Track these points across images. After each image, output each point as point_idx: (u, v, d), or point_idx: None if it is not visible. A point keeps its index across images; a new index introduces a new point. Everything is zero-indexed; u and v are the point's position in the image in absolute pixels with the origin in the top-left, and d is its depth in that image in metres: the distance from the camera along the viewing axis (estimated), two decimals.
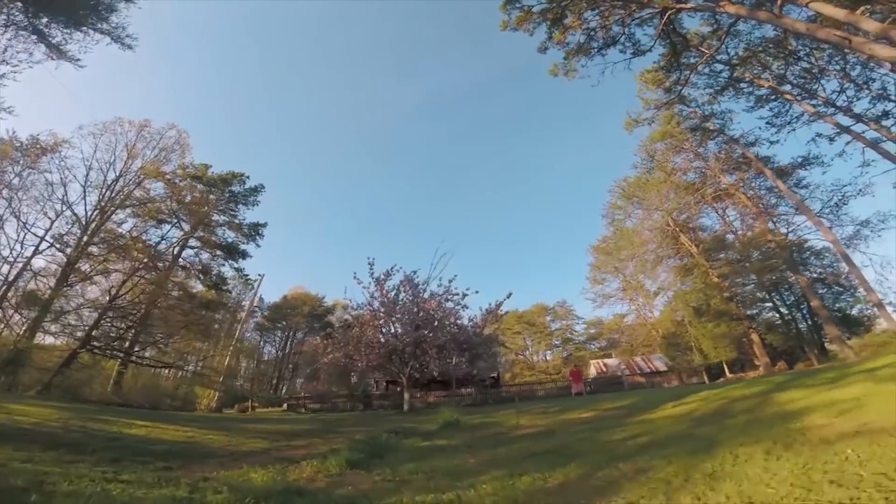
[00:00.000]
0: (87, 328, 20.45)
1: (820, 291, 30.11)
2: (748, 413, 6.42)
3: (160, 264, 30.59)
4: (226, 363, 27.27)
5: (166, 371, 33.82)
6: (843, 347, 22.07)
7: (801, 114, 25.21)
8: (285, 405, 26.20)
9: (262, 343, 68.96)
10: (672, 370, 37.79)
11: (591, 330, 62.71)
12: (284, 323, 64.40)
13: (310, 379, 63.86)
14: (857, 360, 20.28)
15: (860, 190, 26.07)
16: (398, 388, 33.81)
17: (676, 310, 34.76)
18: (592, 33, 21.48)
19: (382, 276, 17.85)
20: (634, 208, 36.61)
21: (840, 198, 27.60)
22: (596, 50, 21.28)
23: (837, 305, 29.38)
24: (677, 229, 33.92)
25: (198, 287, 35.18)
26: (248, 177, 35.79)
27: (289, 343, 66.11)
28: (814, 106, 24.80)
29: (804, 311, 30.97)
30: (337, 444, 7.31)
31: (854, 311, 28.55)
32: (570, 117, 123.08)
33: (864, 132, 23.44)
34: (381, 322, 18.48)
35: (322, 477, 5.16)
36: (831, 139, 25.14)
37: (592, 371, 44.04)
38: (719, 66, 25.02)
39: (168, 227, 33.05)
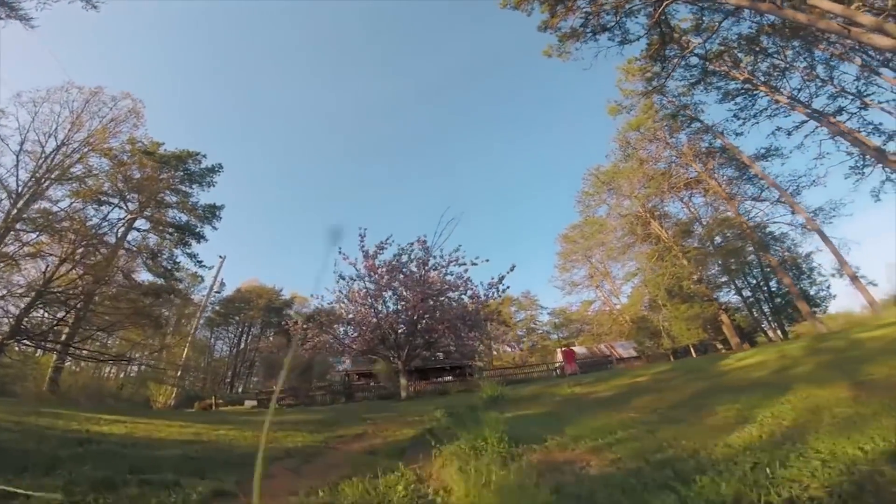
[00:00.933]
0: (15, 317, 16.88)
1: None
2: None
3: (102, 249, 26.75)
4: (183, 356, 24.07)
5: (110, 369, 29.73)
6: (815, 322, 23.04)
7: (764, 108, 26.34)
8: (255, 401, 23.59)
9: (212, 339, 63.92)
10: (641, 355, 38.62)
11: (555, 320, 63.43)
12: (238, 318, 59.79)
13: (268, 376, 60.01)
14: (828, 334, 21.25)
15: (814, 181, 27.73)
16: (372, 380, 32.08)
17: (647, 294, 35.38)
18: (588, 18, 21.79)
19: (375, 249, 16.01)
20: (607, 196, 36.89)
21: (795, 187, 29.31)
22: (589, 35, 21.59)
23: (798, 285, 31.08)
24: (648, 216, 34.48)
25: (147, 276, 31.54)
26: (204, 156, 32.70)
27: (243, 339, 61.54)
28: (776, 102, 25.74)
29: (766, 293, 32.47)
30: (397, 428, 5.76)
31: (812, 291, 30.35)
32: (545, 106, 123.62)
33: (817, 128, 24.82)
34: (370, 300, 16.63)
35: None
36: (789, 133, 26.47)
37: (559, 358, 44.33)
38: (694, 60, 25.65)
39: (112, 207, 29.29)
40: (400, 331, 16.61)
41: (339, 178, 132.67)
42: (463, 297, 15.29)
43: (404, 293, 15.74)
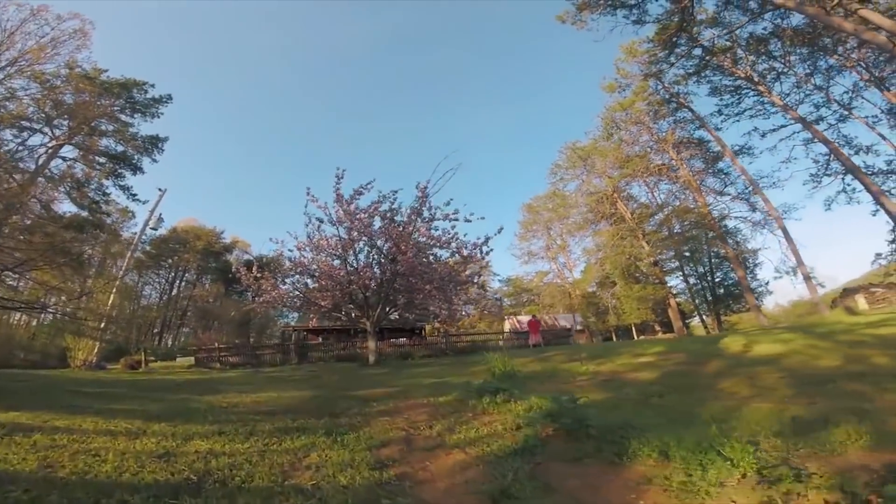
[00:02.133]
0: None
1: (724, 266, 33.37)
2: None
3: (16, 175, 22.30)
4: (109, 304, 20.58)
5: (20, 316, 25.17)
6: (758, 315, 24.23)
7: (749, 107, 26.78)
8: (193, 359, 20.92)
9: (140, 284, 57.87)
10: (585, 329, 39.72)
11: (505, 287, 64.01)
12: (171, 261, 54.13)
13: (203, 328, 55.82)
14: (768, 327, 22.44)
15: (774, 182, 28.86)
16: (325, 337, 30.11)
17: (602, 271, 35.94)
18: None
19: (352, 193, 13.78)
20: (581, 171, 36.37)
21: (753, 188, 30.36)
22: (607, 8, 21.33)
23: (731, 278, 32.88)
24: (616, 195, 34.51)
25: (71, 208, 27.28)
26: (152, 85, 29.04)
27: (176, 285, 56.14)
28: (772, 103, 25.90)
29: (710, 283, 34.08)
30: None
31: (753, 285, 32.27)
32: (535, 72, 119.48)
33: (794, 134, 25.51)
34: (341, 250, 14.57)
35: None
36: (763, 135, 27.05)
37: (507, 326, 44.79)
38: (696, 52, 25.77)
39: (33, 132, 24.98)
40: (373, 287, 14.81)
41: (316, 128, 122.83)
42: (454, 255, 13.61)
43: (382, 245, 13.79)
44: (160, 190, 24.71)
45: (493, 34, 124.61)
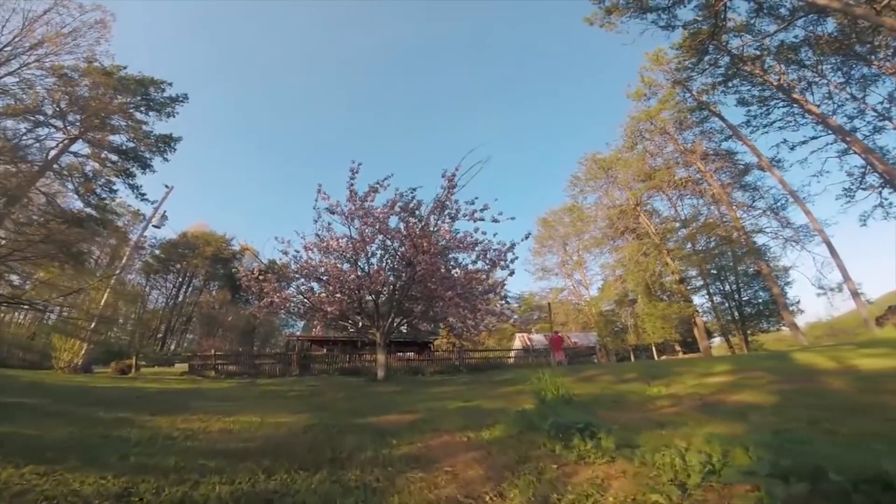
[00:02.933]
0: None
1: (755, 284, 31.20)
2: None
3: (23, 166, 21.51)
4: (102, 303, 19.07)
5: (22, 315, 23.92)
6: (797, 333, 22.07)
7: (778, 119, 25.42)
8: (187, 366, 19.27)
9: (147, 288, 56.79)
10: (602, 348, 37.45)
11: (515, 304, 61.82)
12: (179, 266, 53.01)
13: (206, 335, 54.34)
14: (807, 345, 20.22)
15: (804, 197, 26.98)
16: (329, 348, 28.28)
17: (623, 288, 33.85)
18: None
19: (368, 190, 12.17)
20: (602, 183, 34.64)
21: (784, 201, 28.46)
22: (635, 12, 20.99)
23: (760, 296, 30.67)
24: (638, 209, 32.70)
25: (79, 205, 26.45)
26: (169, 84, 28.18)
27: (183, 290, 54.93)
28: (808, 112, 24.33)
29: (736, 301, 31.83)
30: None
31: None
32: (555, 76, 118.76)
33: (827, 145, 23.78)
34: (352, 252, 12.95)
35: None
36: (792, 147, 25.42)
37: (518, 343, 42.58)
38: (723, 60, 24.62)
39: (46, 126, 24.47)
40: (385, 294, 13.14)
41: (332, 133, 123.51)
42: (478, 259, 11.82)
43: (398, 247, 12.12)
44: (167, 187, 23.38)
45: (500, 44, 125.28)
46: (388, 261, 12.77)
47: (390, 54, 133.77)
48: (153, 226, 20.34)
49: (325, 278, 13.38)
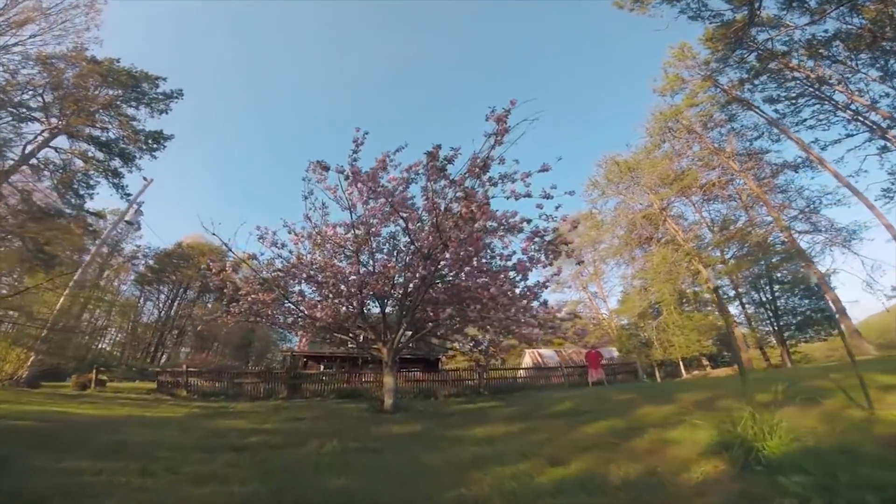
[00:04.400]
0: None
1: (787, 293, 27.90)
2: None
3: None
4: (57, 306, 15.79)
5: None
6: (860, 342, 18.82)
7: (808, 118, 22.75)
8: (156, 381, 15.89)
9: (142, 299, 53.51)
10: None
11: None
12: (175, 277, 49.69)
13: (199, 348, 50.79)
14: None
15: (838, 200, 24.39)
16: (322, 367, 24.72)
17: (649, 299, 30.45)
18: None
19: (375, 166, 8.99)
20: (624, 187, 31.55)
21: (818, 203, 25.68)
22: None
23: (814, 304, 27.32)
24: (664, 214, 29.61)
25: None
26: (164, 79, 25.27)
27: (175, 303, 51.57)
28: (823, 110, 21.97)
29: (771, 309, 28.42)
30: None
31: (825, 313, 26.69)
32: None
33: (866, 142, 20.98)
34: (352, 244, 9.75)
35: None
36: (823, 147, 23.00)
37: (528, 360, 39.02)
38: (750, 56, 22.32)
39: (26, 119, 21.87)
40: (396, 297, 9.90)
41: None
42: (535, 241, 8.48)
43: (419, 229, 8.86)
44: (145, 179, 20.29)
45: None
46: (401, 256, 9.55)
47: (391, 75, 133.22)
48: (126, 221, 17.17)
49: (319, 277, 10.13)
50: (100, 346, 49.07)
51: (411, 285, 9.51)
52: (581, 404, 8.18)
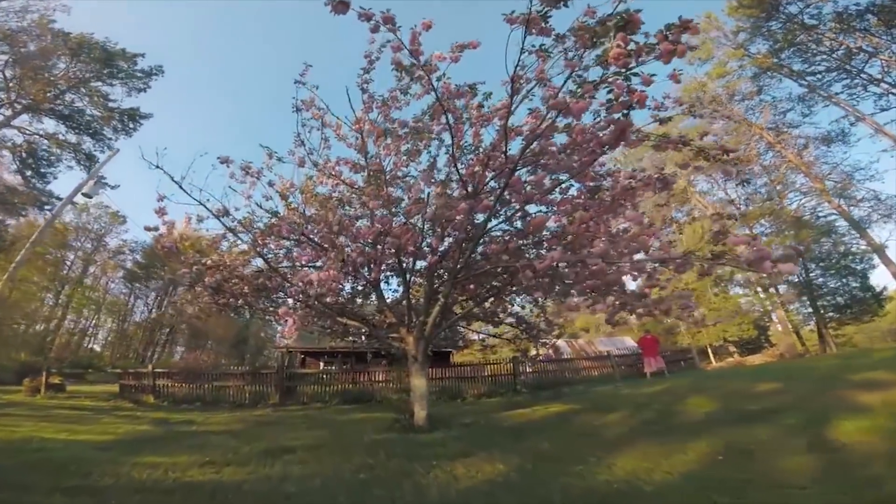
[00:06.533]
0: None
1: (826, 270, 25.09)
2: None
3: None
4: None
5: None
6: None
7: (839, 91, 20.63)
8: (118, 386, 12.66)
9: (131, 298, 50.06)
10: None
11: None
12: (163, 273, 46.03)
13: (192, 347, 47.40)
14: None
15: (872, 175, 22.20)
16: (323, 365, 21.45)
17: (679, 281, 27.44)
18: None
19: (388, 97, 5.76)
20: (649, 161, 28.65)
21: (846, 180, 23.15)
22: None
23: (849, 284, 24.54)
24: (690, 189, 26.76)
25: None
26: (142, 55, 22.07)
27: (166, 300, 48.17)
28: (853, 84, 20.02)
29: (808, 290, 25.56)
30: None
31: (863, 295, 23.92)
32: None
33: None
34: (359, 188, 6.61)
35: None
36: (852, 123, 21.51)
37: (533, 350, 36.06)
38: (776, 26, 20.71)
39: None
40: (427, 262, 6.71)
41: None
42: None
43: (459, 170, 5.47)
44: (110, 149, 16.91)
45: None
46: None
47: None
48: (83, 194, 13.79)
49: (312, 240, 6.95)
50: (90, 346, 45.63)
51: (450, 239, 6.36)
52: (717, 398, 5.07)
